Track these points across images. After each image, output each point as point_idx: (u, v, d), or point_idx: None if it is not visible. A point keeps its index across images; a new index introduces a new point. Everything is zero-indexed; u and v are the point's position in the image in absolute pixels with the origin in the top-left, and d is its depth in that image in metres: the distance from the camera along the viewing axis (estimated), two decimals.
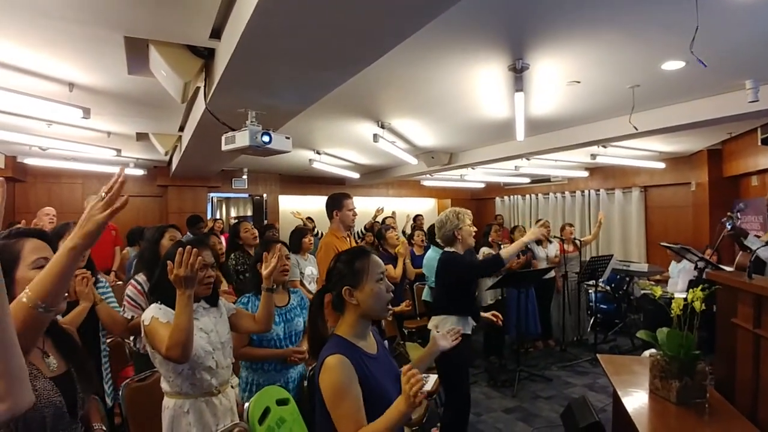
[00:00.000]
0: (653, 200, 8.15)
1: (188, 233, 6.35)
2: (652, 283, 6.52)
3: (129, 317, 2.61)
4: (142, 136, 5.62)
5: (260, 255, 2.59)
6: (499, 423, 3.93)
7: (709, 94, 3.84)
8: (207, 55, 2.93)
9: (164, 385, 1.95)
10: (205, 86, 3.19)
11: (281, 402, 2.27)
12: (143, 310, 2.21)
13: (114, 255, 5.87)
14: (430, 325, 3.20)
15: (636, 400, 2.40)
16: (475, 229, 3.23)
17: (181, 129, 5.33)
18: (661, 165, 7.23)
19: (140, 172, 7.82)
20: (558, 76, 3.43)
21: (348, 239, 3.60)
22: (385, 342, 2.06)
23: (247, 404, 2.11)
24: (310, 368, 2.73)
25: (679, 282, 5.47)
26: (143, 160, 7.49)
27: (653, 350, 3.84)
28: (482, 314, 3.31)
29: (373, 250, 1.95)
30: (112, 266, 5.78)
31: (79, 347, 1.44)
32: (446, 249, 3.20)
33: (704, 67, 2.36)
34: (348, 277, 1.60)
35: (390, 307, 1.69)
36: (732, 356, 2.45)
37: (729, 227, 3.42)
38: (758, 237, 3.58)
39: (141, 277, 2.72)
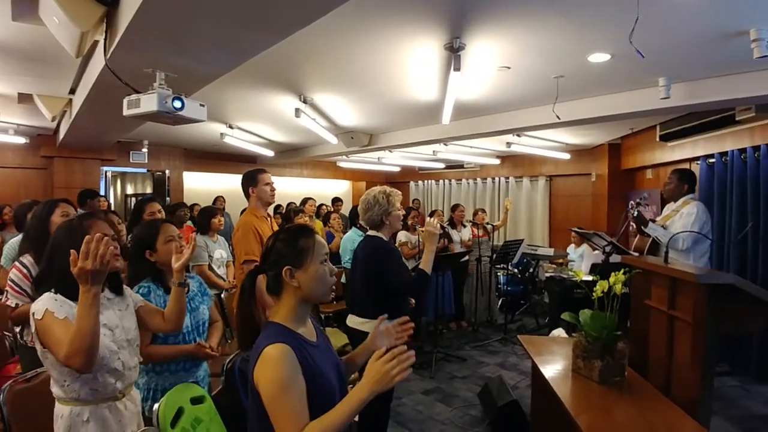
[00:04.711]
0: (557, 189, 8.68)
1: (79, 211, 5.66)
2: (554, 265, 6.98)
3: (13, 305, 2.27)
4: (24, 98, 4.83)
5: (146, 238, 2.21)
6: (419, 405, 3.94)
7: (626, 89, 4.05)
8: (110, 2, 2.50)
9: (56, 390, 1.63)
10: (105, 39, 2.74)
11: (196, 400, 2.02)
12: (29, 296, 1.85)
13: None
14: (360, 326, 2.77)
15: (559, 380, 2.47)
16: (403, 212, 2.98)
17: (72, 91, 4.66)
18: (566, 156, 7.69)
19: (21, 140, 6.78)
20: (490, 60, 3.41)
21: (269, 219, 3.35)
22: None
23: (156, 405, 1.85)
24: (228, 360, 2.49)
25: (582, 265, 5.86)
26: (25, 126, 6.52)
27: (560, 329, 4.09)
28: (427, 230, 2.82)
29: None
30: None
31: None
32: (370, 233, 2.84)
33: (642, 57, 2.44)
34: (289, 257, 1.44)
35: (333, 289, 1.54)
36: (645, 336, 2.60)
37: (635, 214, 3.67)
38: (654, 221, 3.88)
39: (27, 259, 2.35)
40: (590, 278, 2.61)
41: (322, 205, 7.64)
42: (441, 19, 2.71)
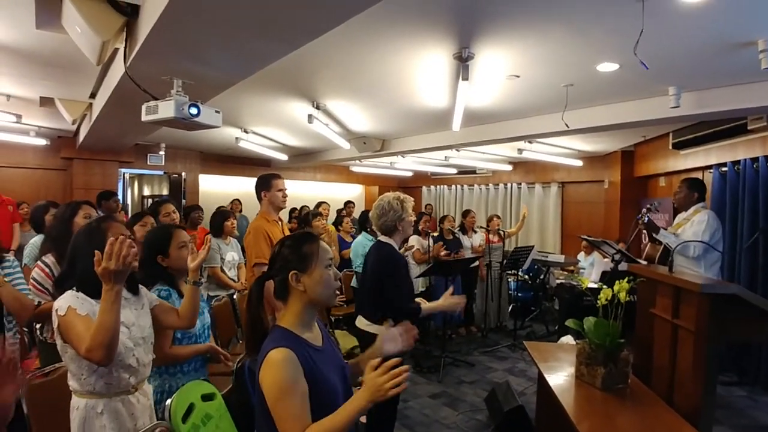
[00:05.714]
0: (569, 195, 8.66)
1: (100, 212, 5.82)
2: (565, 272, 6.95)
3: (35, 303, 2.36)
4: (46, 102, 4.99)
5: (158, 243, 2.30)
6: (426, 409, 3.98)
7: (635, 98, 4.06)
8: (130, 12, 2.60)
9: (73, 383, 1.72)
10: (125, 48, 2.85)
11: (206, 397, 2.10)
12: (51, 295, 1.96)
13: (12, 233, 5.23)
14: (367, 328, 2.74)
15: (563, 386, 2.49)
16: (414, 218, 3.01)
17: (93, 96, 4.80)
18: (579, 163, 7.67)
19: (42, 142, 6.98)
20: (499, 69, 3.45)
21: (280, 223, 3.43)
22: None
23: (168, 401, 1.93)
24: (238, 360, 2.58)
25: (592, 273, 5.84)
26: (46, 128, 6.69)
27: (569, 336, 4.10)
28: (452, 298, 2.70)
29: None
30: (11, 245, 5.15)
31: None
32: (381, 239, 2.85)
33: (646, 69, 2.46)
34: (294, 262, 1.50)
35: (338, 294, 1.61)
36: (649, 344, 2.62)
37: (646, 220, 3.68)
38: (666, 230, 3.88)
39: (49, 259, 2.44)
40: (595, 286, 2.63)
41: (342, 209, 7.72)
42: (450, 29, 2.76)
